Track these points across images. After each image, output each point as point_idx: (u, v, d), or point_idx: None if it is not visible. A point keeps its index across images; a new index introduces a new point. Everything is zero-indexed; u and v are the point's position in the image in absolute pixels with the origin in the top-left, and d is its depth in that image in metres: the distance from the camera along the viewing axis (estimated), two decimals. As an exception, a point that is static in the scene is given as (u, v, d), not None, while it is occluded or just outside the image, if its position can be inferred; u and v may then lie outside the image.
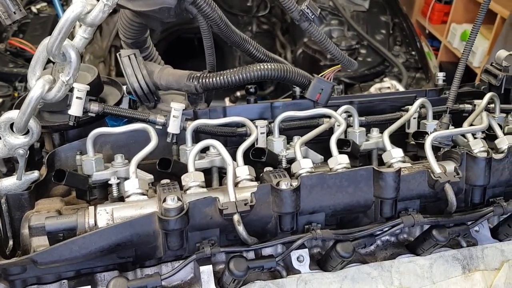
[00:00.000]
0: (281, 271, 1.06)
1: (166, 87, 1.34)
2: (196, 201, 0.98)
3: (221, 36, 1.30)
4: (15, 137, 1.07)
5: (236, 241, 1.03)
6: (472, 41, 1.30)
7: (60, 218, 0.99)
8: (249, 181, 1.09)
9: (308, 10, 1.16)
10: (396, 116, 1.38)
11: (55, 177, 1.09)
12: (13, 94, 2.79)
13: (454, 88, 1.32)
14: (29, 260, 0.92)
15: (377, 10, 3.66)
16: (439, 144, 1.24)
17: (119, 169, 1.14)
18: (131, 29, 1.31)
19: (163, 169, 1.14)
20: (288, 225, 1.05)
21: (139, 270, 1.05)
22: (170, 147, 1.25)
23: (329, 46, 1.25)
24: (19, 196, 1.08)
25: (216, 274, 1.02)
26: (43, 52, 1.03)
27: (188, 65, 1.47)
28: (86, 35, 1.05)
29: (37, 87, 1.04)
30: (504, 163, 1.15)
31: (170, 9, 1.18)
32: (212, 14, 1.19)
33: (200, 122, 1.21)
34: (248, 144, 1.16)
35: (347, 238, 1.04)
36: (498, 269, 1.12)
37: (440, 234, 1.07)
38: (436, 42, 5.62)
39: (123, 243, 0.96)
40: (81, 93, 1.15)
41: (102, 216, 0.99)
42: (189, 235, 1.01)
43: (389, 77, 3.16)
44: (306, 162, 1.12)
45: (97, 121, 1.28)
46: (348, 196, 1.07)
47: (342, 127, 1.23)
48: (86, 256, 0.95)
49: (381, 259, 1.13)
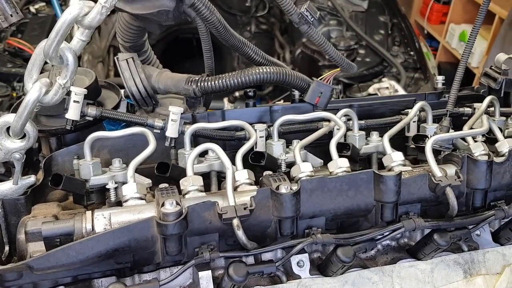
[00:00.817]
0: (281, 276, 1.05)
1: (164, 90, 1.34)
2: (195, 206, 0.97)
3: (219, 39, 1.29)
4: (11, 141, 1.06)
5: (236, 246, 1.02)
6: (471, 44, 1.30)
7: (57, 223, 0.98)
8: (249, 185, 1.08)
9: (307, 13, 1.14)
10: (395, 119, 1.37)
11: (52, 181, 1.08)
12: (12, 94, 2.78)
13: (454, 91, 1.32)
14: (25, 266, 0.91)
15: (375, 11, 3.66)
16: (440, 147, 1.23)
17: (117, 173, 1.13)
18: (129, 32, 1.30)
19: (161, 173, 1.13)
20: (288, 229, 1.04)
21: (137, 275, 1.04)
22: (168, 151, 1.24)
23: (329, 49, 1.24)
24: (15, 201, 1.07)
25: (215, 280, 1.01)
26: (40, 55, 1.02)
27: (186, 65, 1.47)
28: (84, 37, 1.04)
29: (33, 90, 1.02)
30: (505, 166, 1.14)
31: (169, 12, 1.17)
32: (210, 17, 1.18)
33: (199, 126, 1.20)
34: (247, 148, 1.15)
35: (348, 242, 1.03)
36: (499, 274, 1.12)
37: (441, 238, 1.06)
38: (434, 42, 5.62)
39: (121, 248, 0.95)
40: (79, 96, 1.14)
41: (99, 221, 0.98)
42: (188, 240, 1.00)
43: (388, 77, 3.16)
44: (306, 166, 1.12)
45: (94, 125, 1.27)
46: (348, 200, 1.06)
47: (342, 130, 1.22)
48: (83, 262, 0.94)
49: (382, 263, 1.12)
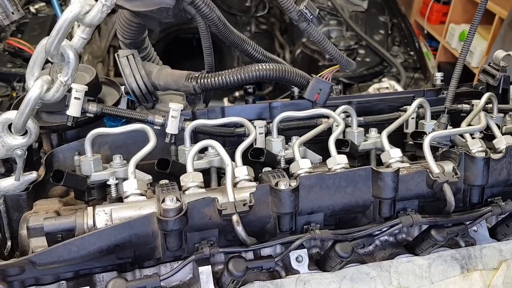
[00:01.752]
0: (280, 272, 1.06)
1: (164, 87, 1.34)
2: (195, 202, 0.97)
3: (219, 36, 1.30)
4: (13, 138, 1.07)
5: (235, 241, 1.03)
6: (469, 41, 1.30)
7: (58, 219, 0.98)
8: (248, 182, 1.09)
9: (306, 10, 1.16)
10: (394, 116, 1.38)
11: (53, 177, 1.09)
12: (12, 94, 2.79)
13: (452, 88, 1.32)
14: (27, 261, 0.92)
15: (375, 10, 3.66)
16: (438, 144, 1.24)
17: (117, 169, 1.14)
18: (129, 29, 1.31)
19: (161, 170, 1.14)
20: (287, 225, 1.05)
21: (138, 270, 1.05)
22: (168, 147, 1.25)
23: (328, 47, 1.25)
24: (17, 197, 1.08)
25: (215, 275, 1.02)
26: (41, 53, 1.03)
27: (186, 65, 1.47)
28: (85, 35, 1.05)
29: (35, 87, 1.03)
30: (502, 163, 1.15)
31: (169, 9, 1.17)
32: (210, 14, 1.19)
33: (199, 123, 1.21)
34: (246, 144, 1.16)
35: (346, 238, 1.04)
36: (496, 269, 1.12)
37: (438, 234, 1.07)
38: (434, 42, 5.62)
39: (122, 244, 0.96)
40: (79, 93, 1.15)
41: (100, 216, 0.99)
42: (188, 235, 1.01)
43: (388, 77, 3.17)
44: (305, 162, 1.12)
45: (95, 122, 1.28)
46: (346, 196, 1.07)
47: (341, 127, 1.23)
48: (85, 257, 0.94)
49: (379, 259, 1.13)
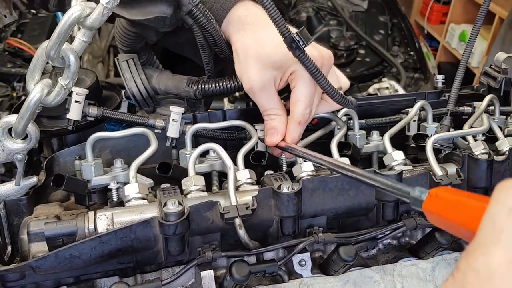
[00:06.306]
0: (283, 276, 1.05)
1: (165, 91, 1.33)
2: (197, 205, 0.97)
3: (215, 49, 1.25)
4: (13, 142, 1.06)
5: (238, 245, 1.02)
6: (472, 44, 1.29)
7: (59, 223, 0.98)
8: (250, 185, 1.08)
9: (298, 38, 0.98)
10: (396, 118, 1.37)
11: (54, 182, 1.08)
12: (12, 94, 2.78)
13: (454, 90, 1.32)
14: (27, 266, 0.91)
15: (375, 11, 3.66)
16: (440, 146, 1.24)
17: (118, 173, 1.13)
18: (127, 38, 1.29)
19: (163, 174, 1.13)
20: (290, 228, 1.04)
21: (140, 275, 1.04)
22: (169, 151, 1.24)
23: (322, 80, 1.07)
24: (18, 202, 1.07)
25: (217, 279, 1.01)
26: (42, 56, 1.02)
27: (186, 65, 1.46)
28: (85, 38, 1.04)
29: (35, 91, 1.03)
30: (506, 165, 1.15)
31: (166, 18, 1.15)
32: (207, 25, 1.16)
33: (200, 126, 1.20)
34: (248, 147, 1.15)
35: (349, 241, 1.04)
36: (500, 272, 1.12)
37: (442, 236, 1.06)
38: (434, 42, 5.63)
39: (123, 248, 0.95)
40: (80, 97, 1.14)
41: (102, 221, 0.98)
42: (190, 239, 1.00)
43: (388, 77, 3.16)
44: (307, 165, 1.12)
45: (96, 126, 1.28)
46: (349, 199, 1.06)
47: (343, 130, 1.22)
48: (86, 262, 0.94)
49: (383, 262, 1.13)
